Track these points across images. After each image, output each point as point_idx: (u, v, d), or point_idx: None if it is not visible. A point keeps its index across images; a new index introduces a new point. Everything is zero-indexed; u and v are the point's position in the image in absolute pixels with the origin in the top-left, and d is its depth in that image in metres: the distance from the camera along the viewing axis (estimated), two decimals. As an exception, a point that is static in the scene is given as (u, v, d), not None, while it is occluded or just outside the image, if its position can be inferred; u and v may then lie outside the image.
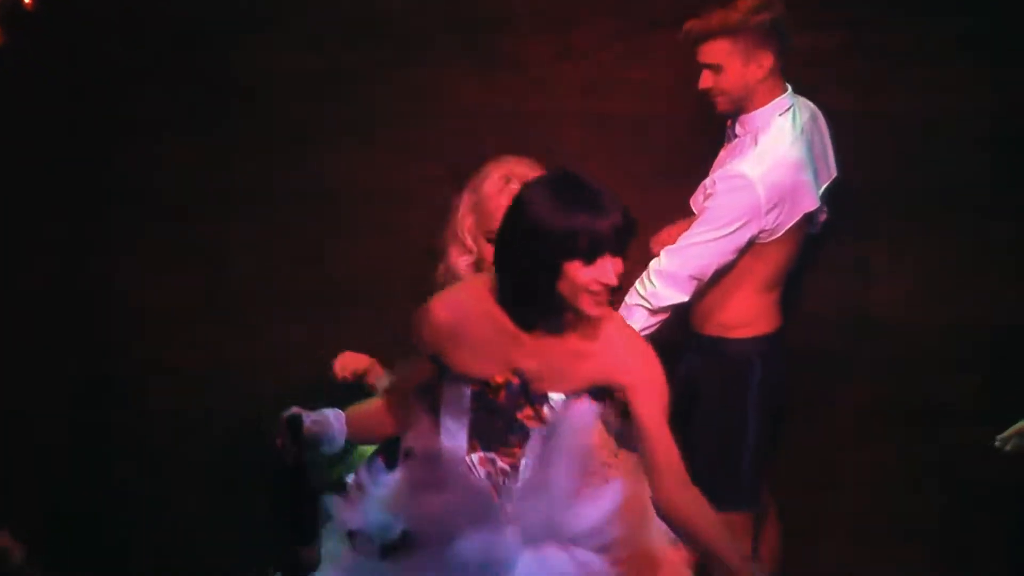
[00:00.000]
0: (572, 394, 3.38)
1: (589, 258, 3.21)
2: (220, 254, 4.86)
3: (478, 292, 3.39)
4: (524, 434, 3.40)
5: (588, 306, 3.27)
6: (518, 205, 3.28)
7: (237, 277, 4.87)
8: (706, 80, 4.25)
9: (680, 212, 4.54)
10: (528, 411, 3.39)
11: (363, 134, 4.83)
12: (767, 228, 4.23)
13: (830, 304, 4.71)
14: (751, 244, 4.26)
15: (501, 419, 3.39)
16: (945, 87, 4.62)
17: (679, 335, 4.35)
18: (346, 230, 4.87)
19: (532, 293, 3.27)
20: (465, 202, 4.20)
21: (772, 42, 4.24)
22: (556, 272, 3.22)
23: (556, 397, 3.39)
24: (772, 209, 4.21)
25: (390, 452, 3.64)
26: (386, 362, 4.24)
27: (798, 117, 4.31)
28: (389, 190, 4.82)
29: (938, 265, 4.69)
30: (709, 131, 4.55)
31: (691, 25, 4.23)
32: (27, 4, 4.33)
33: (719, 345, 4.35)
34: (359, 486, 3.50)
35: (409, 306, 4.31)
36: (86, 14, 4.83)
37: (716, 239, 4.20)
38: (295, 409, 3.57)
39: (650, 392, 3.34)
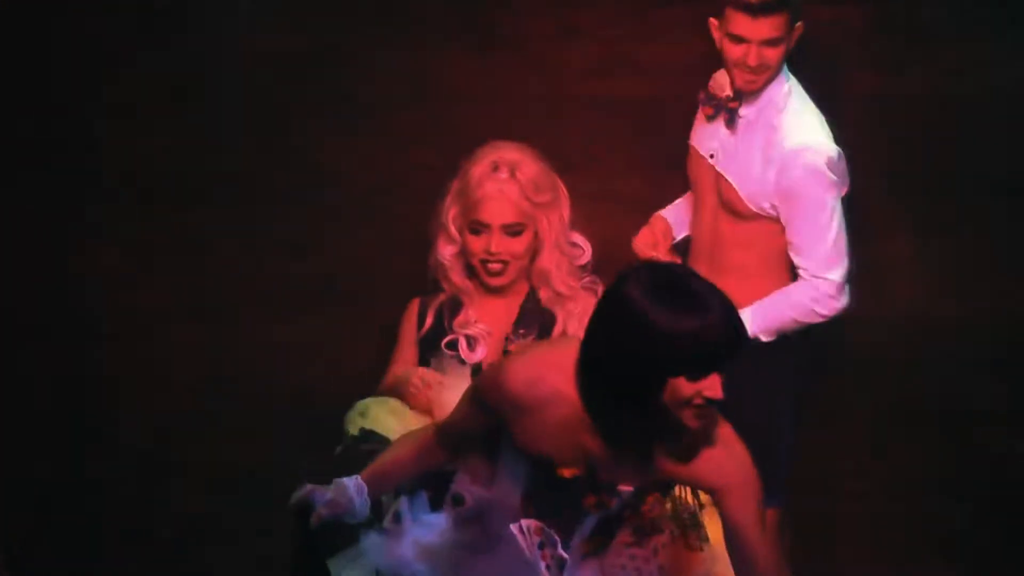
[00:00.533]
0: (645, 488, 3.24)
1: (699, 375, 3.02)
2: (200, 246, 4.78)
3: (561, 367, 3.16)
4: (582, 513, 3.26)
5: (690, 420, 3.07)
6: (620, 305, 3.03)
7: (218, 269, 4.79)
8: (760, 56, 4.11)
9: None
10: (591, 499, 3.23)
11: (349, 119, 4.74)
12: None
13: (854, 302, 4.45)
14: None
15: (561, 496, 3.22)
16: (977, 66, 4.55)
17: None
18: (333, 220, 4.78)
19: (626, 401, 3.07)
20: (452, 189, 4.19)
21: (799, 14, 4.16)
22: (660, 386, 3.01)
23: (626, 491, 3.23)
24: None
25: (436, 487, 3.44)
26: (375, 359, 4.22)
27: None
28: (378, 178, 4.73)
29: (967, 258, 4.61)
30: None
31: None
32: None
33: None
34: (397, 519, 3.38)
35: (399, 300, 4.39)
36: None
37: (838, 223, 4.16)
38: (307, 489, 3.42)
39: (746, 495, 3.19)
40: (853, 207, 4.42)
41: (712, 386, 3.00)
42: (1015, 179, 4.54)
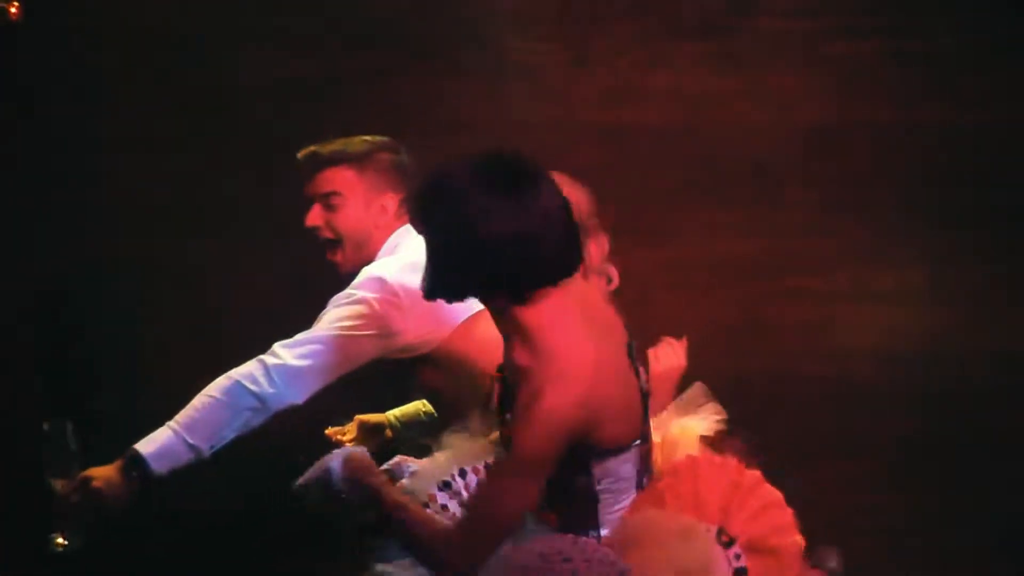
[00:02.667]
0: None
1: None
2: (205, 270, 4.74)
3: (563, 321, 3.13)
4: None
5: None
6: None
7: (222, 294, 4.74)
8: (316, 216, 3.87)
9: (705, 232, 4.50)
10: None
11: None
12: None
13: (867, 333, 4.61)
14: None
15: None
16: (991, 97, 4.53)
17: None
18: None
19: None
20: None
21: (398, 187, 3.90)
22: None
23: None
24: None
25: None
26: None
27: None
28: None
29: (985, 289, 4.58)
30: (738, 144, 4.50)
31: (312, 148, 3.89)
32: (12, 15, 4.25)
33: None
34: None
35: None
36: (71, 24, 4.76)
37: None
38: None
39: None
40: (867, 239, 4.45)
41: None
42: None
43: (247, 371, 3.67)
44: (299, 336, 3.72)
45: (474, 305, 3.61)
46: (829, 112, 4.52)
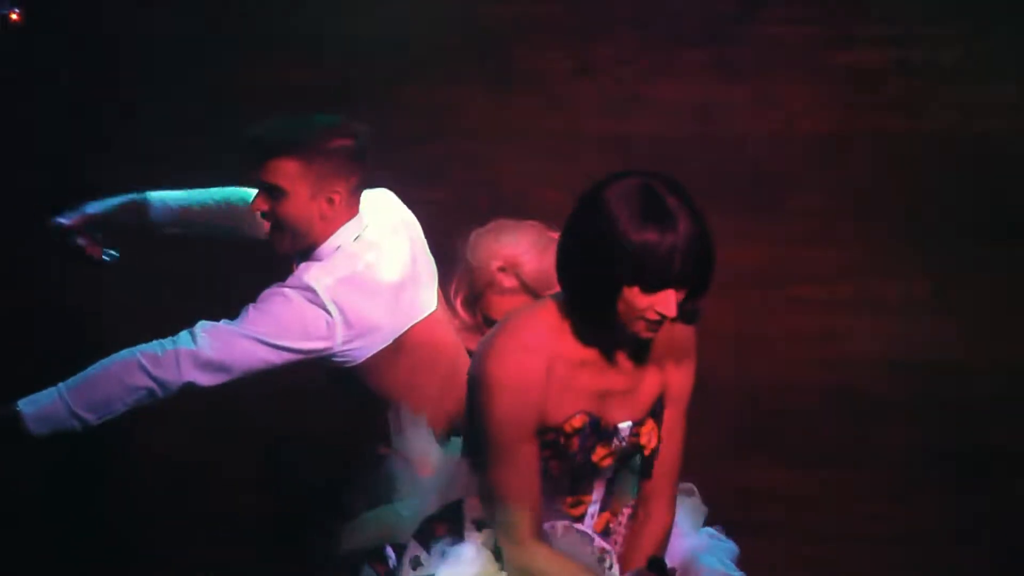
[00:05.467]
0: (641, 418, 3.17)
1: (651, 288, 2.98)
2: (214, 282, 4.69)
3: (549, 322, 3.09)
4: (590, 482, 3.16)
5: (643, 332, 3.04)
6: (593, 202, 3.01)
7: (226, 308, 4.55)
8: (261, 203, 3.71)
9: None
10: (600, 451, 3.13)
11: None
12: None
13: (869, 343, 4.59)
14: None
15: (570, 468, 3.12)
16: (994, 106, 4.52)
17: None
18: None
19: (588, 311, 3.04)
20: (460, 276, 4.01)
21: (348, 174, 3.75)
22: (615, 293, 2.99)
23: (624, 426, 3.14)
24: None
25: (451, 519, 3.26)
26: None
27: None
28: None
29: (988, 300, 4.56)
30: (741, 152, 4.49)
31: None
32: (14, 19, 4.21)
33: None
34: (416, 564, 3.21)
35: None
36: (78, 29, 4.80)
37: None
38: None
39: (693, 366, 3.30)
40: (870, 249, 4.43)
41: (664, 301, 2.96)
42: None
43: (153, 352, 3.57)
44: (223, 325, 3.61)
45: (414, 314, 3.69)
46: (832, 121, 4.50)
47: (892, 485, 4.59)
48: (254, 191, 3.68)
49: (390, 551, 3.28)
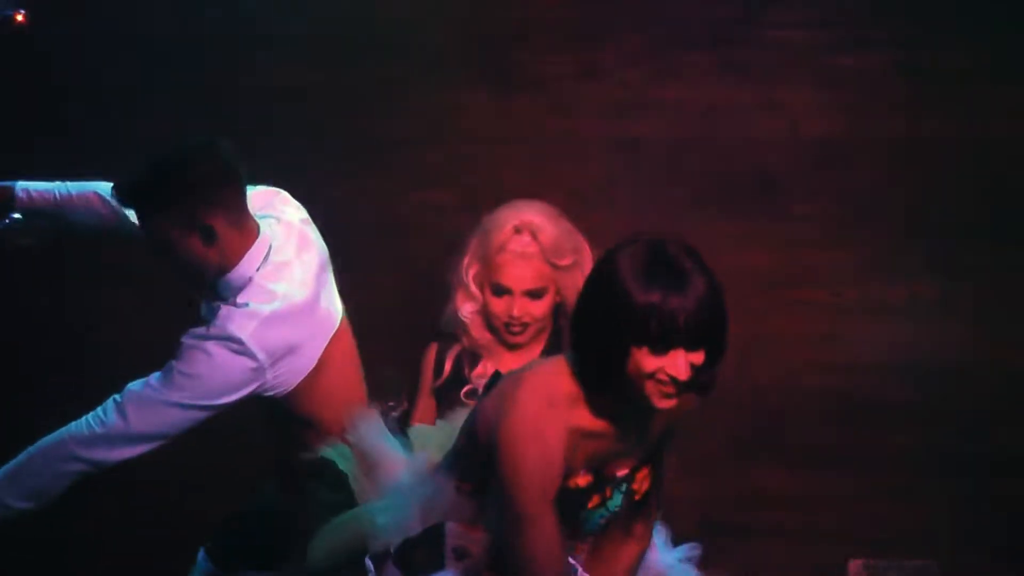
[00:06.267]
0: (638, 464, 3.15)
1: (660, 349, 2.95)
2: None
3: (564, 388, 3.06)
4: (582, 529, 3.15)
5: (655, 397, 3.00)
6: (605, 264, 3.01)
7: None
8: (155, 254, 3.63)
9: (712, 244, 4.22)
10: (596, 499, 3.12)
11: (366, 158, 4.69)
12: None
13: (874, 346, 4.58)
14: None
15: (567, 516, 3.09)
16: (999, 110, 4.50)
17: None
18: (348, 262, 4.47)
19: (595, 370, 3.01)
20: (473, 247, 4.13)
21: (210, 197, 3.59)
22: (624, 353, 2.96)
23: (621, 474, 3.13)
24: None
25: (431, 545, 3.21)
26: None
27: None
28: (395, 219, 4.68)
29: (994, 302, 4.55)
30: (746, 156, 4.47)
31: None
32: (20, 21, 4.24)
33: None
34: None
35: (415, 341, 4.35)
36: (83, 30, 4.76)
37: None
38: None
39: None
40: (875, 252, 4.41)
41: (674, 363, 2.93)
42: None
43: (82, 434, 3.53)
44: (150, 393, 3.52)
45: (330, 326, 3.66)
46: (838, 124, 4.49)
47: (895, 488, 4.58)
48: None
49: (369, 564, 3.26)
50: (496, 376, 3.33)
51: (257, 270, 3.57)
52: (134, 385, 3.54)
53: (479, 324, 4.16)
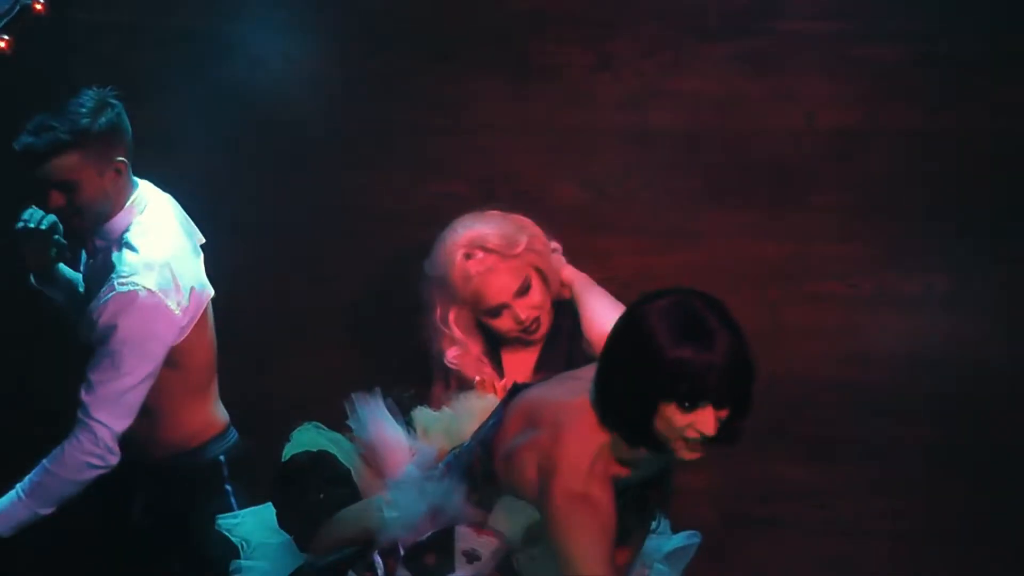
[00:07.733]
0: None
1: (688, 405, 2.97)
2: (224, 277, 4.61)
3: (595, 440, 3.08)
4: None
5: (682, 452, 3.04)
6: (634, 317, 3.03)
7: (242, 301, 4.68)
8: (57, 199, 3.90)
9: (728, 235, 4.47)
10: None
11: (380, 149, 4.71)
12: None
13: (889, 338, 4.56)
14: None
15: None
16: (1018, 102, 4.47)
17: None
18: (363, 253, 4.73)
19: (625, 425, 3.04)
20: (437, 297, 4.10)
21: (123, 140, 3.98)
22: (652, 408, 2.99)
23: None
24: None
25: (441, 548, 3.23)
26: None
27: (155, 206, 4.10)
28: (409, 209, 4.68)
29: (1008, 295, 4.52)
30: (762, 147, 4.46)
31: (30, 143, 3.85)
32: (39, 9, 4.25)
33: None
34: None
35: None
36: (99, 21, 4.82)
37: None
38: None
39: None
40: (891, 244, 4.40)
41: (703, 420, 2.94)
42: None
43: (87, 448, 3.85)
44: (108, 392, 3.85)
45: (207, 291, 4.05)
46: (854, 116, 4.47)
47: (910, 481, 4.57)
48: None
49: (378, 559, 3.26)
50: (515, 388, 3.31)
51: (139, 212, 3.98)
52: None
53: (469, 362, 4.12)
